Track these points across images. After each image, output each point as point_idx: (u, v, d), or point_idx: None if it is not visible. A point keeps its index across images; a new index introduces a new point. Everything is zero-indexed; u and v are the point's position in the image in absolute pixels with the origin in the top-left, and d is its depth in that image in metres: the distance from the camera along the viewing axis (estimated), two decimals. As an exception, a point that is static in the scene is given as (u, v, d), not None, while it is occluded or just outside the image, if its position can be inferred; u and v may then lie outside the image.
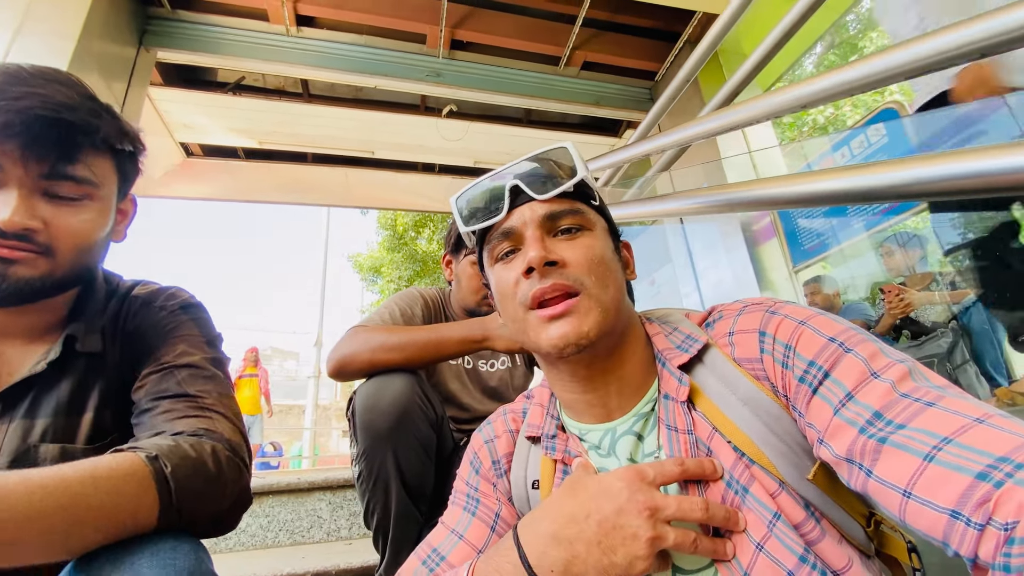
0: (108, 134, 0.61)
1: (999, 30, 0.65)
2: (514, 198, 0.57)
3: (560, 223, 0.56)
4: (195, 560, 0.48)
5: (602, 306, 0.53)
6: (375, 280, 13.95)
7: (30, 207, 0.57)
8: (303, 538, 1.84)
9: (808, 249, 3.01)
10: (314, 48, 3.19)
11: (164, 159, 4.09)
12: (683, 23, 3.36)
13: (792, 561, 0.45)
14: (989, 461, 0.34)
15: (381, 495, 1.00)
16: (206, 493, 0.53)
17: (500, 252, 0.58)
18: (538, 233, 0.55)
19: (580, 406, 0.60)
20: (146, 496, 0.48)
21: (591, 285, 0.53)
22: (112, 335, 0.70)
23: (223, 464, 0.55)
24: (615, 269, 0.57)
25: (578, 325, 0.52)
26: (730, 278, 2.95)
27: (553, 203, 0.56)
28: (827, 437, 0.44)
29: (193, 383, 0.64)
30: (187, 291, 0.78)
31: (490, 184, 0.59)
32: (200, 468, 0.53)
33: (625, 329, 0.58)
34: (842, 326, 0.48)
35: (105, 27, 2.54)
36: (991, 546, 0.33)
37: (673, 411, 0.54)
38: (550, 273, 0.53)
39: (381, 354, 1.04)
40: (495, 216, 0.57)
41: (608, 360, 0.57)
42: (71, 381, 0.64)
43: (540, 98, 3.58)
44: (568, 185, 0.56)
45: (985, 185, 0.66)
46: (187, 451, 0.53)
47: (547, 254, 0.53)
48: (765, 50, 1.37)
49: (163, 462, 0.50)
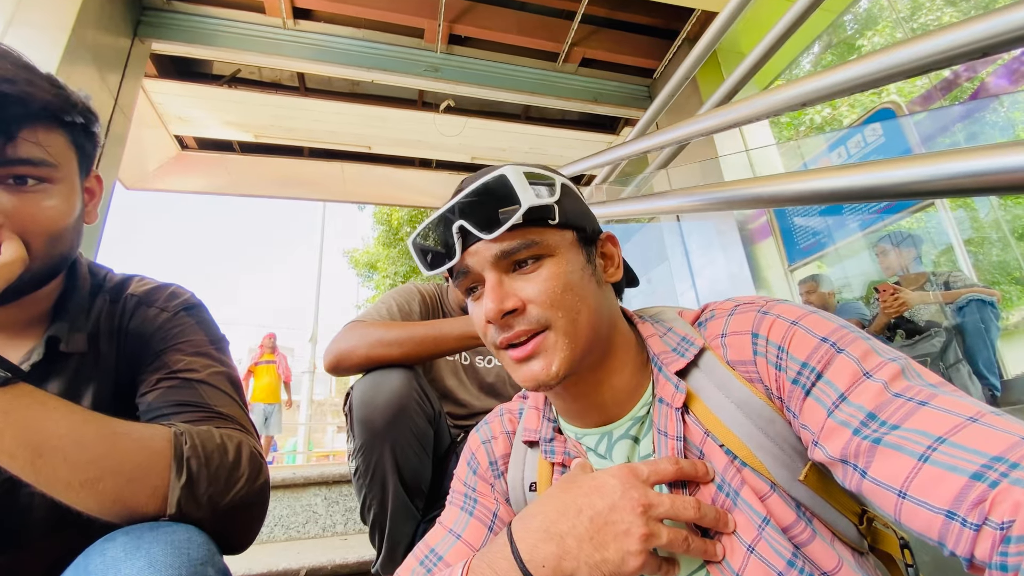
0: (54, 106, 0.55)
1: (1000, 30, 0.65)
2: (464, 238, 0.54)
3: (515, 257, 0.53)
4: (208, 551, 0.48)
5: (571, 337, 0.52)
6: (371, 276, 13.92)
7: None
8: (298, 534, 1.84)
9: (804, 248, 3.03)
10: (311, 41, 3.17)
11: (158, 152, 4.06)
12: (682, 21, 3.35)
13: (781, 564, 0.45)
14: (984, 461, 0.34)
15: (378, 490, 0.99)
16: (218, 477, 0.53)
17: (465, 288, 0.57)
18: (494, 276, 0.53)
19: (575, 414, 0.60)
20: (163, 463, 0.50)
21: (558, 319, 0.52)
22: (108, 335, 0.67)
23: (243, 456, 0.56)
24: (585, 290, 0.54)
25: (546, 365, 0.51)
26: (726, 276, 2.96)
27: (504, 240, 0.52)
28: (821, 439, 0.44)
29: (213, 396, 0.63)
30: (187, 289, 0.75)
31: (439, 225, 0.56)
32: (220, 451, 0.54)
33: (609, 341, 0.56)
34: (834, 325, 0.48)
35: (99, 17, 2.51)
36: (987, 546, 0.33)
37: (666, 416, 0.54)
38: (511, 322, 0.52)
39: (378, 349, 1.04)
40: (450, 259, 0.55)
41: (595, 374, 0.56)
42: (60, 382, 0.62)
43: (538, 94, 3.56)
44: (516, 218, 0.51)
45: (982, 184, 0.66)
46: (212, 435, 0.55)
47: (502, 304, 0.51)
48: (763, 49, 1.37)
49: (185, 438, 0.52)
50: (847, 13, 3.42)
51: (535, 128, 4.14)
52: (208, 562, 0.47)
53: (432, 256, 0.57)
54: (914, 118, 2.65)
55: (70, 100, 0.57)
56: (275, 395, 5.94)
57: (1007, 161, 0.64)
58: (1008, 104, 2.87)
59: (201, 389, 0.62)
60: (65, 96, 0.57)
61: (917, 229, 2.86)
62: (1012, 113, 2.89)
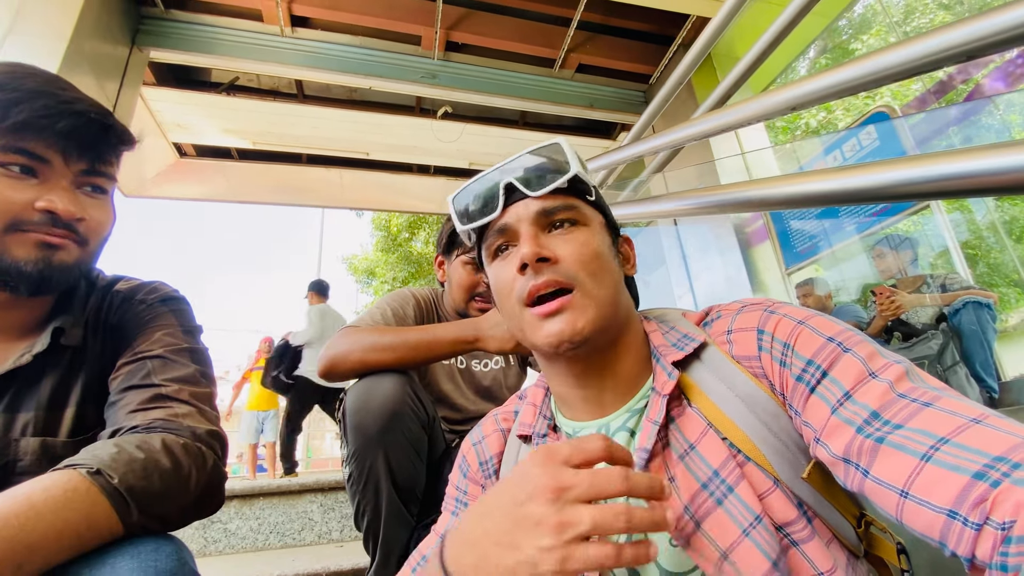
0: (122, 134, 0.67)
1: (986, 32, 0.66)
2: (508, 195, 0.57)
3: (554, 218, 0.56)
4: (177, 561, 0.48)
5: (597, 302, 0.53)
6: (370, 282, 13.91)
7: (77, 199, 0.62)
8: (294, 540, 1.82)
9: (801, 252, 3.03)
10: (309, 49, 3.19)
11: (157, 159, 4.07)
12: (677, 27, 3.38)
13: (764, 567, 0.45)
14: (986, 461, 0.34)
15: (371, 496, 0.99)
16: (168, 490, 0.52)
17: (496, 249, 0.59)
18: (532, 230, 0.55)
19: (574, 401, 0.60)
20: (97, 510, 0.47)
21: (585, 280, 0.53)
22: (94, 329, 0.70)
23: (178, 455, 0.54)
24: (611, 265, 0.57)
25: (572, 322, 0.52)
26: (723, 280, 2.96)
27: (547, 199, 0.56)
28: (824, 436, 0.44)
29: (162, 372, 0.64)
30: (169, 285, 0.78)
31: (485, 182, 0.60)
32: (152, 468, 0.51)
33: (623, 325, 0.58)
34: (840, 327, 0.48)
35: (97, 26, 2.53)
36: (988, 546, 0.33)
37: (653, 404, 0.54)
38: (543, 269, 0.53)
39: (372, 354, 1.03)
40: (490, 214, 0.58)
41: (604, 355, 0.57)
42: (54, 375, 0.64)
43: (535, 100, 3.59)
44: (562, 181, 0.56)
45: (977, 186, 0.67)
46: (133, 454, 0.51)
47: (540, 250, 0.53)
48: (757, 53, 1.38)
49: (107, 474, 0.48)
50: (841, 18, 3.44)
51: (532, 134, 4.15)
52: (177, 572, 0.46)
53: (472, 210, 0.60)
54: (908, 121, 2.67)
55: (123, 128, 0.68)
56: (270, 402, 5.83)
57: (996, 162, 0.64)
58: (1004, 107, 2.88)
59: (151, 365, 0.64)
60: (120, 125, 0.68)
61: (914, 232, 2.86)
62: (1008, 116, 2.90)
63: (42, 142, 0.59)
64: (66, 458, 0.50)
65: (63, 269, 0.61)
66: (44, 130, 0.58)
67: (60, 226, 0.60)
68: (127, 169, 3.70)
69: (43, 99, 0.59)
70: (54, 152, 0.60)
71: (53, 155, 0.60)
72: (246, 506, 1.82)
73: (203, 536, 1.77)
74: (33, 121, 0.57)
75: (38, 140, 0.58)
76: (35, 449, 0.60)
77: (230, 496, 1.81)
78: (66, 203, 0.60)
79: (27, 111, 0.57)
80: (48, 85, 0.61)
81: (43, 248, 0.60)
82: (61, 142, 0.60)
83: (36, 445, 0.60)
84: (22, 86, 0.59)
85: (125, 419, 0.58)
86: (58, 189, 0.60)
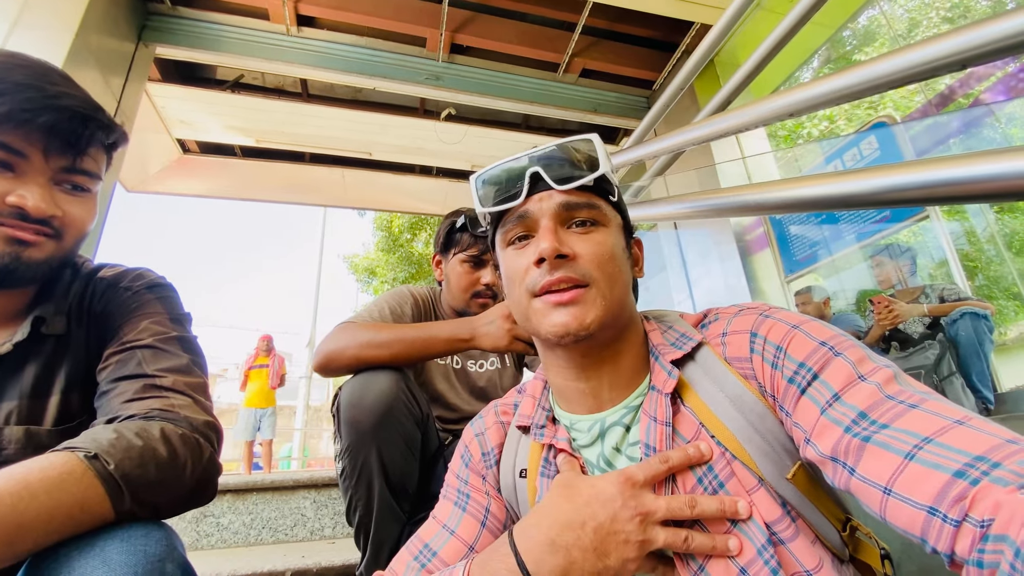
0: (107, 130, 0.66)
1: (982, 41, 0.66)
2: (533, 184, 0.57)
3: (576, 215, 0.57)
4: (166, 547, 0.48)
5: (607, 302, 0.54)
6: (370, 281, 13.93)
7: (52, 196, 0.61)
8: (286, 536, 1.82)
9: (800, 260, 3.04)
10: (314, 48, 3.20)
11: (160, 155, 4.08)
12: (681, 33, 3.39)
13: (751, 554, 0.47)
14: (967, 460, 0.35)
15: (364, 492, 0.99)
16: (163, 479, 0.52)
17: (513, 236, 0.59)
18: (552, 224, 0.56)
19: (572, 394, 0.61)
20: (91, 493, 0.47)
21: (600, 280, 0.54)
22: (78, 317, 0.69)
23: (176, 445, 0.54)
24: (624, 267, 0.58)
25: (582, 316, 0.53)
26: (723, 287, 2.97)
27: (571, 194, 0.56)
28: (813, 436, 0.45)
29: (153, 362, 0.63)
30: (154, 272, 0.77)
31: (512, 167, 0.59)
32: (149, 456, 0.51)
33: (626, 324, 0.59)
34: (832, 332, 0.49)
35: (104, 21, 2.54)
36: (967, 542, 0.34)
37: (656, 402, 0.55)
38: (560, 266, 0.54)
39: (368, 350, 1.04)
40: (513, 200, 0.58)
41: (605, 351, 0.58)
42: (37, 364, 0.64)
43: (538, 104, 3.59)
44: (588, 179, 0.56)
45: (977, 191, 0.67)
46: (131, 441, 0.51)
47: (559, 246, 0.54)
48: (757, 59, 1.39)
49: (104, 459, 0.48)
50: (845, 29, 3.45)
51: (535, 137, 4.16)
52: (166, 558, 0.46)
53: (494, 194, 0.60)
54: (909, 131, 2.67)
55: (113, 125, 0.67)
56: (268, 399, 5.86)
57: (992, 168, 0.65)
58: (1005, 121, 2.89)
59: (141, 355, 0.64)
60: (110, 122, 0.67)
61: (913, 242, 2.87)
62: (1010, 130, 2.91)
63: (21, 136, 0.58)
64: (52, 447, 0.50)
65: (32, 265, 0.60)
66: (25, 124, 0.57)
67: (32, 221, 0.59)
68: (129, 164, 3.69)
69: (28, 92, 0.58)
70: (34, 147, 0.59)
71: (33, 150, 0.59)
72: (239, 501, 1.82)
73: (195, 530, 1.77)
74: (15, 114, 0.57)
75: (17, 134, 0.57)
76: (19, 437, 0.60)
77: (223, 490, 1.81)
78: (37, 200, 0.58)
79: (9, 103, 0.56)
80: (37, 78, 0.60)
81: (12, 243, 0.59)
82: (43, 137, 0.59)
83: (20, 433, 0.60)
84: (8, 77, 0.58)
85: (120, 408, 0.58)
86: (33, 185, 0.59)
